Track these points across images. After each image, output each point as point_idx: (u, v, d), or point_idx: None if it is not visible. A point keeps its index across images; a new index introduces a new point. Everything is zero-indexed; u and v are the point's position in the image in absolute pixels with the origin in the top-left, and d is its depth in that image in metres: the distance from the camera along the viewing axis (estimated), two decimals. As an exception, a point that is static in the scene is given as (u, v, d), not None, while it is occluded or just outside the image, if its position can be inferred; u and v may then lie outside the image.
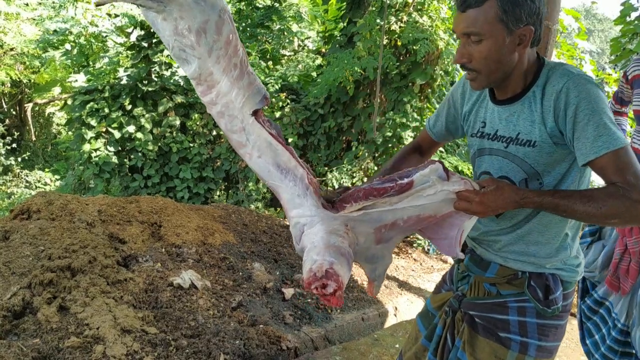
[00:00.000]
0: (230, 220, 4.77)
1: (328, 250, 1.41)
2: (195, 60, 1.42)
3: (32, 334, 2.67)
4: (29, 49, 12.25)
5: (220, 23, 1.39)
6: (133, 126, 7.72)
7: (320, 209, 1.49)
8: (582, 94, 1.37)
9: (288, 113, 7.86)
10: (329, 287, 1.34)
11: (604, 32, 41.91)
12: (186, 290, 3.36)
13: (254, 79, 1.47)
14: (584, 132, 1.36)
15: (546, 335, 1.58)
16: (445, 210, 1.50)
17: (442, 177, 1.45)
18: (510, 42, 1.42)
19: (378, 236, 1.57)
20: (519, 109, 1.51)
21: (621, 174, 1.32)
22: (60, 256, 3.17)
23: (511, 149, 1.53)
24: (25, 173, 13.21)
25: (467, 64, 1.48)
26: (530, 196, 1.38)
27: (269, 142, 1.47)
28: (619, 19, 6.42)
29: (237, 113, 1.47)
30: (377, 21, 6.40)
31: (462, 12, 1.43)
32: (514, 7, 1.38)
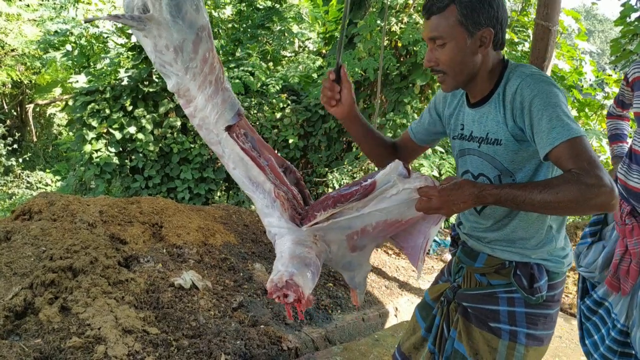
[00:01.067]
0: (231, 220, 4.78)
1: (292, 261, 1.48)
2: (174, 75, 1.50)
3: (33, 334, 2.68)
4: (30, 50, 12.27)
5: (197, 41, 1.46)
6: (134, 127, 7.73)
7: (285, 221, 1.58)
8: (535, 91, 1.45)
9: (289, 114, 7.87)
10: (289, 297, 1.42)
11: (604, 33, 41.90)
12: (187, 291, 3.37)
13: (229, 95, 1.55)
14: (539, 126, 1.42)
15: (535, 323, 1.64)
16: (410, 214, 1.57)
17: (402, 175, 1.51)
18: (472, 44, 1.53)
19: (351, 244, 1.66)
20: (487, 110, 1.60)
21: (575, 161, 1.34)
22: (61, 257, 3.18)
23: (483, 147, 1.62)
24: (27, 174, 13.23)
25: (435, 67, 1.59)
26: (488, 189, 1.42)
27: (241, 157, 1.57)
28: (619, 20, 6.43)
29: (212, 127, 1.56)
30: (377, 22, 6.41)
31: (427, 19, 1.56)
32: (472, 12, 1.50)
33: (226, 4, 9.92)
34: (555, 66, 7.61)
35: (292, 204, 1.63)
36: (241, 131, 1.62)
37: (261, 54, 8.96)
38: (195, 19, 1.44)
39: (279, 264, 1.50)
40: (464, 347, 1.70)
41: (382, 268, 4.77)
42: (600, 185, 1.29)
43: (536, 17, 4.10)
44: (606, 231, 2.70)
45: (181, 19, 1.42)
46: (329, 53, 7.97)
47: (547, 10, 3.95)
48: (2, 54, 13.11)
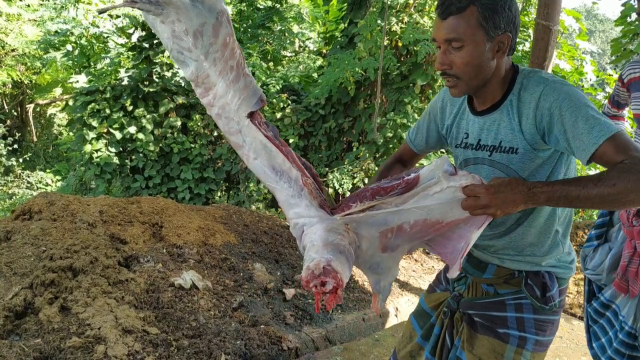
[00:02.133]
0: (231, 220, 4.77)
1: (326, 248, 1.39)
2: (193, 62, 1.44)
3: (33, 334, 2.68)
4: (30, 50, 12.27)
5: (217, 26, 1.40)
6: (134, 127, 7.73)
7: (315, 208, 1.49)
8: (562, 95, 1.39)
9: (289, 114, 7.87)
10: (328, 284, 1.32)
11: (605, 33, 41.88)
12: (187, 291, 3.37)
13: (250, 81, 1.48)
14: (575, 129, 1.35)
15: (543, 330, 1.62)
16: (452, 215, 1.46)
17: (448, 172, 1.42)
18: (490, 49, 1.46)
19: (383, 242, 1.54)
20: (499, 118, 1.53)
21: (624, 152, 1.30)
22: (61, 256, 3.18)
23: (495, 156, 1.55)
24: (27, 174, 13.23)
25: (448, 71, 1.49)
26: (539, 186, 1.35)
27: (264, 144, 1.49)
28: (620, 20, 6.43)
29: (233, 115, 1.49)
30: (377, 22, 6.40)
31: (443, 20, 1.45)
32: (493, 15, 1.42)
33: (227, 3, 9.93)
34: (557, 66, 7.61)
35: (319, 193, 1.54)
36: (262, 120, 1.54)
37: (261, 54, 8.97)
38: (214, 3, 1.40)
39: (311, 252, 1.40)
40: (465, 355, 1.68)
41: (383, 268, 4.76)
42: None
43: (537, 16, 4.09)
44: (612, 233, 2.68)
45: (200, 2, 1.37)
46: (329, 53, 7.96)
47: (547, 10, 3.95)
48: (2, 54, 13.12)
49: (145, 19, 1.45)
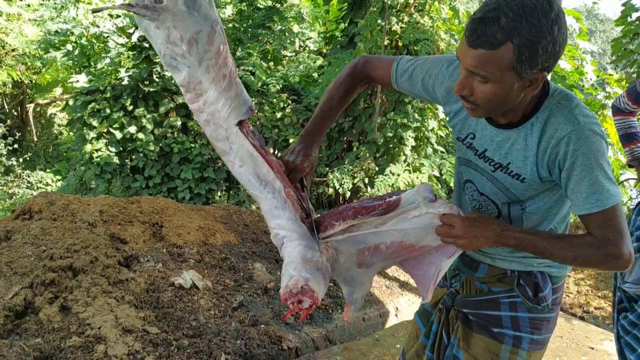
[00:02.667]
0: (231, 220, 4.77)
1: (305, 266, 1.44)
2: (186, 68, 1.45)
3: (33, 333, 2.68)
4: (30, 50, 12.27)
5: (212, 34, 1.42)
6: (134, 127, 7.73)
7: (298, 223, 1.53)
8: (584, 147, 1.32)
9: (289, 113, 7.87)
10: (304, 302, 1.39)
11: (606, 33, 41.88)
12: (187, 291, 3.37)
13: (241, 90, 1.50)
14: (578, 186, 1.35)
15: (538, 328, 1.61)
16: (426, 240, 1.52)
17: (428, 199, 1.47)
18: (519, 87, 1.30)
19: (360, 259, 1.61)
20: (514, 138, 1.43)
21: (604, 230, 1.35)
22: (61, 256, 3.18)
23: (498, 175, 1.50)
24: (27, 173, 13.23)
25: (468, 97, 1.36)
26: (511, 231, 1.40)
27: (251, 152, 1.51)
28: (620, 20, 6.43)
29: (222, 122, 1.50)
30: (378, 22, 6.40)
31: (472, 48, 1.26)
32: (531, 55, 1.23)
33: (227, 3, 9.93)
34: (557, 66, 7.60)
35: (301, 205, 1.57)
36: (250, 129, 1.56)
37: (262, 54, 8.96)
38: (210, 12, 1.41)
39: (290, 269, 1.45)
40: (462, 354, 1.67)
41: (383, 268, 4.76)
42: (619, 256, 1.33)
43: (537, 16, 4.09)
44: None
45: (197, 10, 1.38)
46: (330, 52, 7.96)
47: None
48: (2, 54, 13.13)
49: (138, 23, 1.46)
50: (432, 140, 6.61)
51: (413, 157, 6.28)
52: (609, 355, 3.75)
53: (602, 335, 4.09)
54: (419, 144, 6.57)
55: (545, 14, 1.21)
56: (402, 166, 6.16)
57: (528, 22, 1.20)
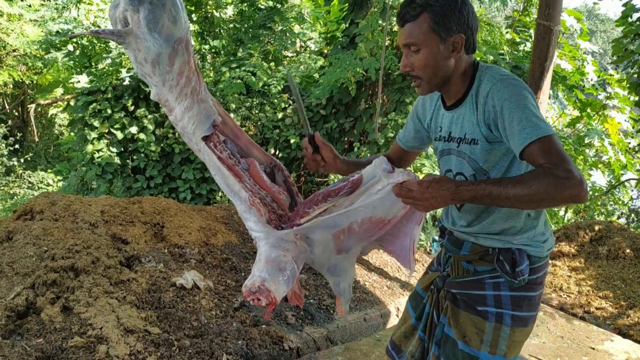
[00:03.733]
0: (232, 220, 4.78)
1: (267, 266, 1.57)
2: (154, 87, 1.56)
3: (35, 333, 2.68)
4: (31, 50, 12.27)
5: (172, 55, 1.50)
6: (135, 127, 7.73)
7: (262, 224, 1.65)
8: (505, 94, 1.53)
9: (290, 114, 7.87)
10: (262, 301, 1.55)
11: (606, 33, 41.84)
12: (189, 291, 3.38)
13: (204, 107, 1.61)
14: (511, 128, 1.50)
15: (519, 305, 1.73)
16: (393, 211, 1.65)
17: (387, 170, 1.60)
18: (445, 49, 1.62)
19: (337, 244, 1.72)
20: (463, 112, 1.69)
21: (546, 156, 1.43)
22: (63, 256, 3.18)
23: (461, 147, 1.72)
24: (28, 174, 13.23)
25: (411, 72, 1.66)
26: (464, 185, 1.50)
27: (217, 166, 1.64)
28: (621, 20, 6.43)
29: (191, 137, 1.64)
30: (379, 22, 6.40)
31: (402, 27, 1.63)
32: (443, 19, 1.58)
33: (227, 4, 9.93)
34: (558, 66, 7.60)
35: (271, 207, 1.70)
36: (220, 138, 1.69)
37: (263, 54, 8.96)
38: (172, 31, 1.48)
39: (255, 268, 1.59)
40: (452, 332, 1.80)
41: (384, 268, 4.76)
42: (570, 177, 1.38)
43: (538, 16, 4.10)
44: None
45: (157, 32, 1.45)
46: (331, 53, 7.96)
47: (548, 10, 3.96)
48: (3, 54, 13.14)
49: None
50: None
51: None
52: (610, 356, 3.75)
53: (603, 336, 4.09)
54: (419, 144, 6.56)
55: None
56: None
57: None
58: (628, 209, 10.04)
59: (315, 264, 1.76)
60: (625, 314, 4.39)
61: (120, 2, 1.45)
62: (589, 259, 5.42)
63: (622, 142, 8.24)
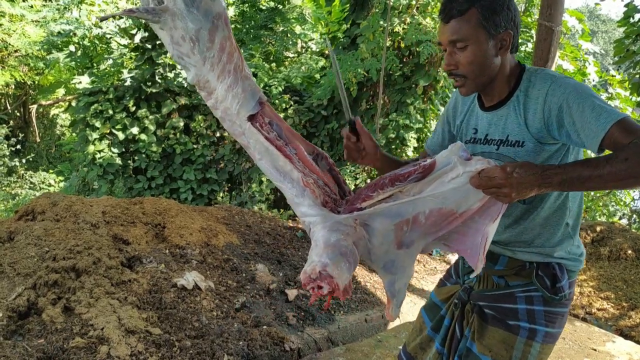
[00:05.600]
0: (233, 221, 4.78)
1: (326, 251, 1.41)
2: (193, 67, 1.46)
3: (37, 334, 2.69)
4: (33, 51, 12.29)
5: (213, 30, 1.42)
6: (137, 128, 7.73)
7: (319, 207, 1.51)
8: (568, 88, 1.45)
9: (291, 114, 7.87)
10: (324, 288, 1.37)
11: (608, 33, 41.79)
12: (190, 292, 3.38)
13: (249, 84, 1.49)
14: (583, 118, 1.39)
15: (553, 322, 1.66)
16: (467, 204, 1.45)
17: (464, 157, 1.43)
18: (492, 47, 1.54)
19: (399, 236, 1.52)
20: (506, 113, 1.61)
21: (633, 133, 1.31)
22: (64, 257, 3.18)
23: (502, 150, 1.62)
24: (30, 174, 13.24)
25: (455, 71, 1.58)
26: (552, 168, 1.34)
27: (266, 147, 1.51)
28: (623, 21, 6.41)
29: (235, 119, 1.51)
30: (380, 23, 6.40)
31: (446, 23, 1.55)
32: (492, 15, 1.51)
33: (229, 4, 9.93)
34: (559, 67, 7.60)
35: (325, 190, 1.56)
36: (265, 120, 1.55)
37: (264, 55, 8.96)
38: (211, 6, 1.41)
39: (313, 254, 1.43)
40: (475, 346, 1.73)
41: (385, 269, 4.76)
42: None
43: (539, 17, 4.09)
44: None
45: (196, 7, 1.39)
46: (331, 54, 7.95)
47: (550, 11, 3.95)
48: (5, 55, 13.15)
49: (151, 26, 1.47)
50: (434, 141, 6.61)
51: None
52: (612, 357, 3.75)
53: (604, 337, 4.09)
54: (421, 145, 6.57)
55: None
56: (405, 167, 6.16)
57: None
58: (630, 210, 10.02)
59: (371, 256, 1.57)
60: (627, 315, 4.39)
61: None
62: (591, 260, 5.41)
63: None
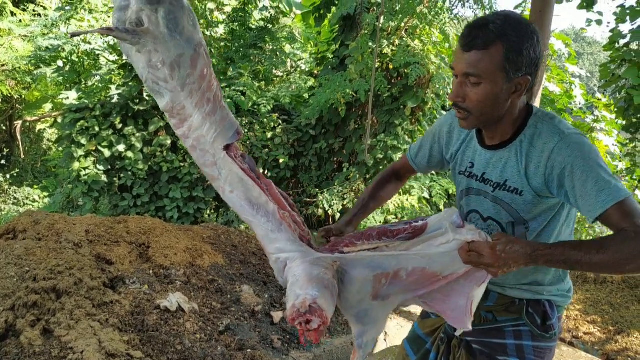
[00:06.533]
0: (219, 241, 4.73)
1: (311, 284, 1.36)
2: (169, 93, 1.41)
3: (14, 357, 2.61)
4: (20, 65, 12.22)
5: (195, 57, 1.39)
6: (123, 145, 7.68)
7: (298, 242, 1.47)
8: (575, 152, 1.38)
9: (280, 133, 7.87)
10: (313, 322, 1.31)
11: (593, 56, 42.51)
12: (173, 314, 3.31)
13: (227, 113, 1.46)
14: (585, 188, 1.36)
15: (542, 357, 1.64)
16: (452, 268, 1.45)
17: (456, 224, 1.44)
18: (507, 90, 1.43)
19: (376, 287, 1.49)
20: (507, 156, 1.53)
21: (629, 219, 1.31)
22: (45, 277, 3.11)
23: (498, 193, 1.56)
24: (14, 189, 13.09)
25: (461, 104, 1.48)
26: (541, 249, 1.34)
27: (240, 177, 1.46)
28: (608, 45, 6.51)
29: (208, 147, 1.46)
30: (369, 44, 6.45)
31: (466, 52, 1.42)
32: (517, 56, 1.38)
33: (219, 22, 9.96)
34: (546, 89, 7.68)
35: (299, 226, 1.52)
36: (238, 152, 1.52)
37: (253, 74, 8.98)
38: (193, 34, 1.39)
39: (296, 289, 1.37)
40: None
41: (372, 291, 4.72)
42: None
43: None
44: None
45: (179, 33, 1.36)
46: (321, 73, 7.99)
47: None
48: (-8, 69, 13.06)
49: (120, 47, 1.42)
50: (422, 162, 6.63)
51: (403, 179, 6.29)
52: (599, 382, 3.73)
53: (591, 362, 4.07)
54: (409, 166, 6.58)
55: (527, 25, 1.40)
56: (392, 188, 6.16)
57: (513, 29, 1.38)
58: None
59: (343, 302, 1.52)
60: (614, 339, 4.37)
61: (131, 3, 1.34)
62: (577, 283, 5.41)
63: (610, 165, 8.31)
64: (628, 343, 4.27)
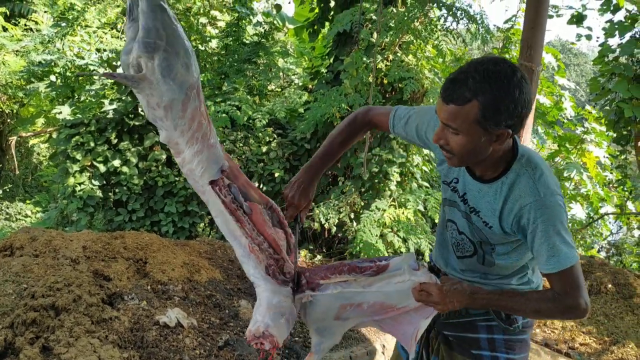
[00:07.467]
0: (216, 256, 4.73)
1: (269, 312, 1.68)
2: (164, 130, 1.60)
3: (13, 376, 2.61)
4: (13, 80, 12.19)
5: (185, 101, 1.55)
6: (119, 160, 7.66)
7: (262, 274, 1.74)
8: (543, 216, 1.51)
9: (275, 147, 7.89)
10: (266, 345, 1.66)
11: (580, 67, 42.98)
12: (172, 329, 3.32)
13: (214, 152, 1.67)
14: (540, 249, 1.54)
15: (513, 349, 1.81)
16: (406, 303, 1.74)
17: (413, 267, 1.69)
18: (486, 140, 1.49)
19: (340, 313, 1.82)
20: (486, 191, 1.65)
21: (562, 285, 1.55)
22: (43, 294, 3.11)
23: (473, 217, 1.71)
24: (6, 205, 13.00)
25: (444, 145, 1.55)
26: (481, 294, 1.63)
27: (221, 210, 1.71)
28: (598, 59, 6.63)
29: (198, 179, 1.69)
30: (363, 59, 6.50)
31: (445, 104, 1.46)
32: (494, 113, 1.42)
33: (212, 37, 10.01)
34: (537, 101, 7.76)
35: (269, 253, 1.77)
36: (225, 182, 1.73)
37: (247, 88, 9.01)
38: (186, 78, 1.52)
39: (257, 313, 1.70)
40: None
41: (369, 304, 4.74)
42: (576, 307, 1.54)
43: (520, 58, 4.20)
44: None
45: (172, 79, 1.49)
46: (315, 88, 8.04)
47: (530, 52, 4.06)
48: (-16, 85, 13.01)
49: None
50: (417, 175, 6.66)
51: (398, 192, 6.32)
52: (596, 394, 3.75)
53: (588, 373, 4.09)
54: (404, 179, 6.62)
55: (508, 79, 1.40)
56: (388, 201, 6.18)
57: (492, 85, 1.40)
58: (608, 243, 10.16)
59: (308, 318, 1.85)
60: (609, 349, 4.40)
61: (133, 49, 1.47)
62: (572, 294, 5.44)
63: (600, 176, 8.39)
64: (624, 353, 4.30)
